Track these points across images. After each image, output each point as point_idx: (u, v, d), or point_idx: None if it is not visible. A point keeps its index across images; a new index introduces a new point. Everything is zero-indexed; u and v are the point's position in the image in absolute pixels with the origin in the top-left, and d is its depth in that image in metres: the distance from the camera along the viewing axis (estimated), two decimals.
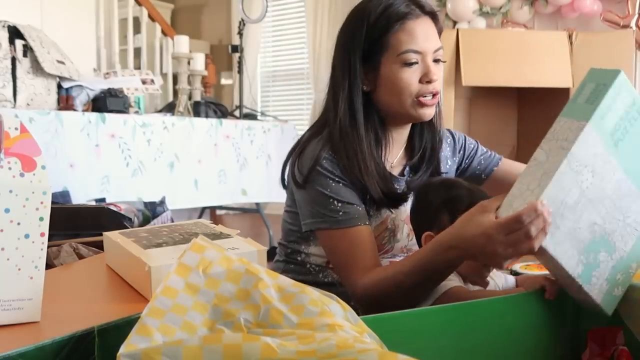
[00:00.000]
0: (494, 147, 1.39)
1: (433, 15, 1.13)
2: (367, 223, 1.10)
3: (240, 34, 3.78)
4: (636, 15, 3.52)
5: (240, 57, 3.82)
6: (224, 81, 5.43)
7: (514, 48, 3.30)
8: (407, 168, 1.22)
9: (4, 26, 2.42)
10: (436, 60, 1.13)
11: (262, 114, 4.37)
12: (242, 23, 3.73)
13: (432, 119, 1.19)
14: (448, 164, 1.30)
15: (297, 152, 1.16)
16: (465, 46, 3.28)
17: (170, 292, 0.58)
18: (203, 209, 4.14)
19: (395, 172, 1.21)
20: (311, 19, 4.82)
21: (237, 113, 3.80)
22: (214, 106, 3.40)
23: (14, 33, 2.45)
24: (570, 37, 3.29)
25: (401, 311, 0.79)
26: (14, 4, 3.29)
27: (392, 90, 1.11)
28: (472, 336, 0.85)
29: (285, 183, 1.23)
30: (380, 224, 1.15)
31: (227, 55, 5.24)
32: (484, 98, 3.67)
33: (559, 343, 0.96)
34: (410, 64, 1.10)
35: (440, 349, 0.81)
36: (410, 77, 1.10)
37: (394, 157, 1.21)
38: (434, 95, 1.12)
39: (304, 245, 1.21)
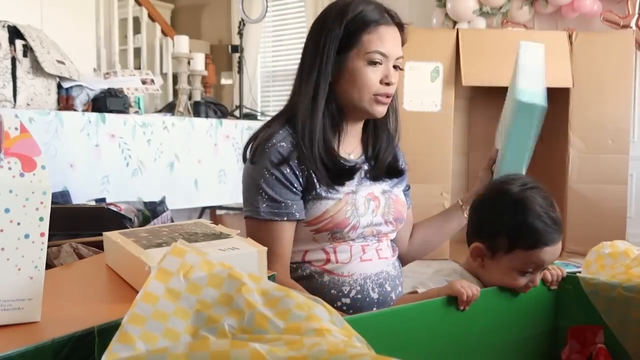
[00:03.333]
0: (494, 147, 1.42)
1: (401, 27, 1.25)
2: (292, 219, 1.19)
3: (240, 34, 3.78)
4: (636, 15, 3.52)
5: (240, 57, 3.82)
6: (224, 81, 5.43)
7: (514, 48, 3.29)
8: (363, 158, 1.31)
9: (4, 26, 2.42)
10: (395, 67, 1.23)
11: (262, 114, 4.37)
12: (242, 23, 3.73)
13: (387, 120, 1.31)
14: (402, 165, 1.38)
15: (258, 130, 1.27)
16: (465, 46, 3.28)
17: (150, 297, 0.57)
18: (203, 209, 4.14)
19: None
20: (311, 19, 4.81)
21: (237, 113, 3.80)
22: (214, 106, 3.40)
23: (14, 33, 2.45)
24: (570, 37, 3.29)
25: (378, 310, 0.80)
26: (14, 4, 3.28)
27: (353, 84, 1.21)
28: (450, 332, 0.85)
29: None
30: (339, 201, 1.21)
31: (227, 55, 5.23)
32: (484, 98, 3.67)
33: (538, 340, 0.97)
34: (375, 64, 1.20)
35: (418, 345, 0.81)
36: (373, 75, 1.20)
37: (351, 147, 1.30)
38: (388, 96, 1.22)
39: None
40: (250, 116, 3.85)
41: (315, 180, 1.20)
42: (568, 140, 3.29)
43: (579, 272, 1.05)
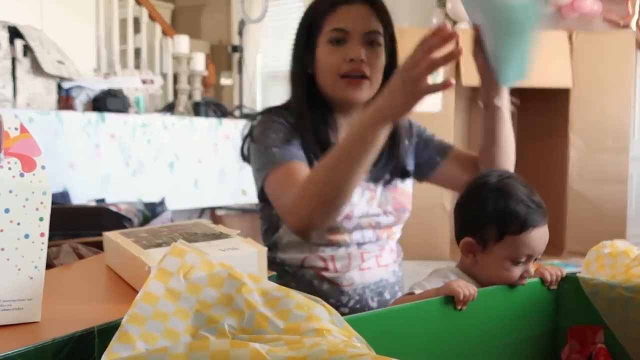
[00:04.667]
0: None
1: (372, 3, 1.15)
2: (304, 162, 1.13)
3: (240, 34, 3.79)
4: (636, 15, 3.52)
5: (240, 57, 3.82)
6: (224, 81, 5.43)
7: None
8: None
9: (4, 26, 2.42)
10: (371, 43, 1.13)
11: None
12: (242, 23, 3.73)
13: None
14: (410, 162, 1.30)
15: (250, 128, 1.23)
16: (465, 46, 3.28)
17: (150, 298, 0.57)
18: (203, 209, 4.14)
19: None
20: None
21: (237, 113, 3.80)
22: (214, 106, 3.41)
23: (14, 33, 2.45)
24: (570, 37, 3.29)
25: (378, 310, 0.79)
26: (14, 4, 3.28)
27: (322, 70, 1.15)
28: (449, 333, 0.85)
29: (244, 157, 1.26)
30: None
31: (227, 55, 5.23)
32: None
33: (538, 340, 0.97)
34: (337, 42, 1.12)
35: (417, 345, 0.81)
36: (335, 55, 1.12)
37: None
38: (360, 75, 1.12)
39: (279, 253, 1.22)
40: (250, 116, 3.85)
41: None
42: (568, 140, 3.29)
43: (579, 272, 1.05)
